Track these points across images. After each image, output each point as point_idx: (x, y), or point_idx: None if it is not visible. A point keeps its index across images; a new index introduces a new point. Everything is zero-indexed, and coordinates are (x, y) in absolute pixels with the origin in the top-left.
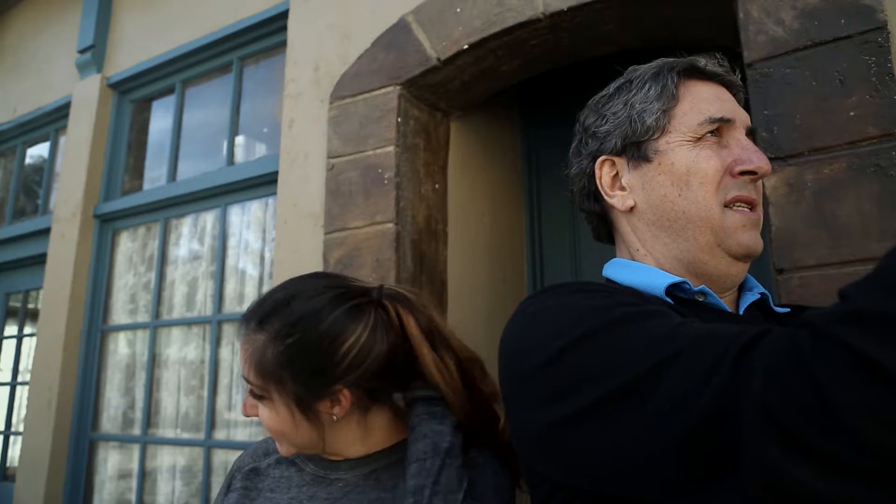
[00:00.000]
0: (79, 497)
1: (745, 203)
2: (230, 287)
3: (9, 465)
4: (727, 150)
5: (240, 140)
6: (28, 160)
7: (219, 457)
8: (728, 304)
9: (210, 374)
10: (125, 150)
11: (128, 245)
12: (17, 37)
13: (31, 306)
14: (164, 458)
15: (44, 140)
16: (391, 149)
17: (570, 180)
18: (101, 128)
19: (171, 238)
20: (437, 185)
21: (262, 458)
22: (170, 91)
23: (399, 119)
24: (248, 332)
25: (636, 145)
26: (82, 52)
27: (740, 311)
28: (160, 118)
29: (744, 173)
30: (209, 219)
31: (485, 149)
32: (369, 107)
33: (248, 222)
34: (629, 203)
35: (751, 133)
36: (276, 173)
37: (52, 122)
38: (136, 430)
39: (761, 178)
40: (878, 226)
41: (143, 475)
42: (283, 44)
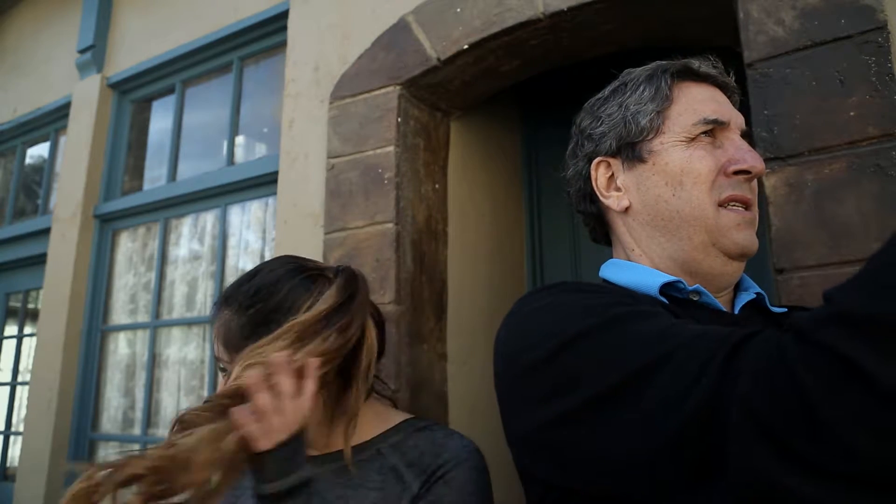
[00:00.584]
0: None
1: (739, 202)
2: None
3: (9, 465)
4: (721, 150)
5: (240, 140)
6: (28, 160)
7: None
8: (724, 304)
9: (210, 374)
10: (125, 150)
11: (128, 245)
12: (17, 37)
13: (31, 306)
14: None
15: (44, 140)
16: (391, 149)
17: (567, 182)
18: (101, 128)
19: (171, 238)
20: (437, 185)
21: None
22: (170, 91)
23: (399, 119)
24: (218, 312)
25: (631, 146)
26: (82, 52)
27: (735, 310)
28: (160, 118)
29: (738, 173)
30: (209, 219)
31: (485, 149)
32: (369, 107)
33: (248, 222)
34: (624, 203)
35: (745, 135)
36: (276, 173)
37: (52, 122)
38: (137, 430)
39: (755, 177)
40: (878, 226)
41: None
42: (283, 44)
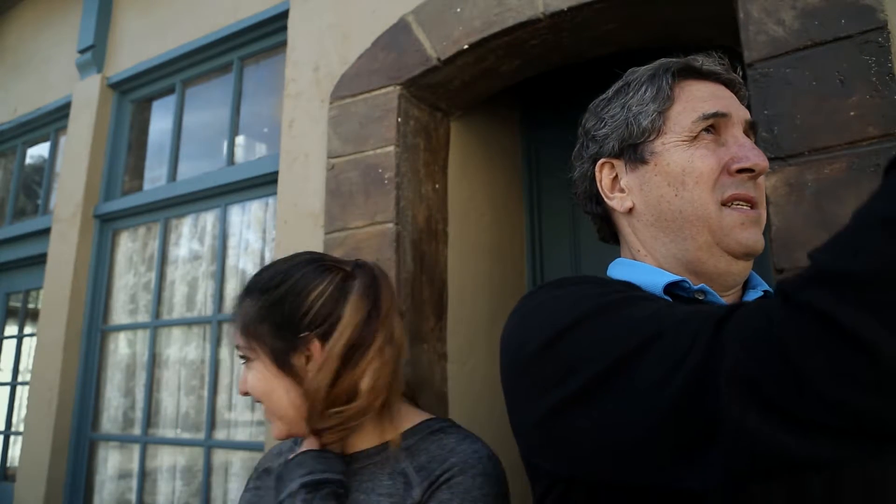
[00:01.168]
0: (79, 497)
1: (743, 201)
2: (230, 287)
3: (9, 465)
4: (724, 149)
5: (240, 140)
6: (28, 160)
7: (219, 457)
8: (731, 302)
9: (210, 374)
10: (125, 150)
11: (128, 245)
12: (17, 37)
13: (31, 306)
14: (165, 458)
15: (44, 140)
16: (391, 149)
17: (574, 183)
18: (101, 128)
19: (171, 238)
20: (437, 185)
21: (275, 459)
22: (170, 91)
23: (399, 119)
24: (238, 305)
25: (633, 147)
26: (82, 52)
27: None
28: (160, 118)
29: (741, 171)
30: (209, 219)
31: (485, 149)
32: (369, 107)
33: (248, 222)
34: (628, 204)
35: (752, 127)
36: (277, 173)
37: (52, 122)
38: (137, 430)
39: (759, 175)
40: None
41: (144, 475)
42: (283, 44)
